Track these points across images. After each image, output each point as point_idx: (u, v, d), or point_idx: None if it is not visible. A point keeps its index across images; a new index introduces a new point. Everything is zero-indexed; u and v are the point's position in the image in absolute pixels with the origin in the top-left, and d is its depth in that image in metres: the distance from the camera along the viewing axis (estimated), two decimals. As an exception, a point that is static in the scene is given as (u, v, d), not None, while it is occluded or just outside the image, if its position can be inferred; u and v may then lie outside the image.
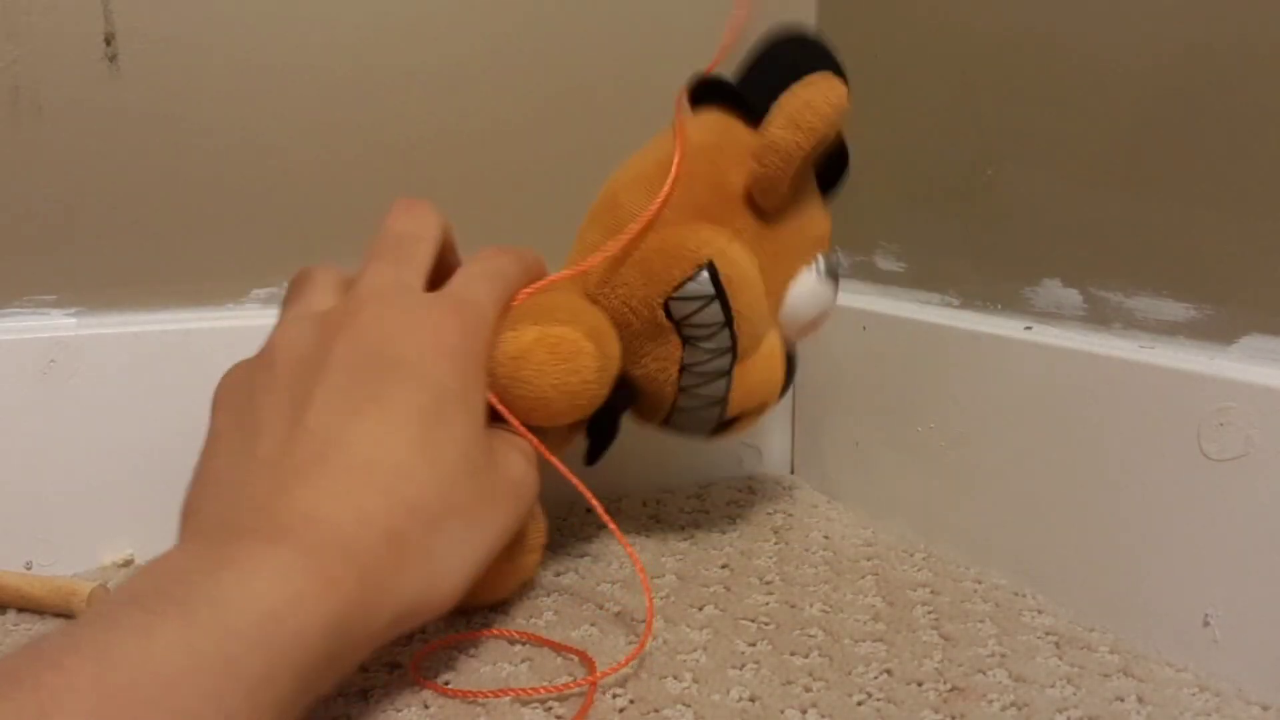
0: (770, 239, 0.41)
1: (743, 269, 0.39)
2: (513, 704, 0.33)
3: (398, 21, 0.50)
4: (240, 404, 0.33)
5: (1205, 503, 0.35)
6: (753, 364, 0.41)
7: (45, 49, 0.44)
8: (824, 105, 0.38)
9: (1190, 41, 0.37)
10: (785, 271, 0.42)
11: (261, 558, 0.26)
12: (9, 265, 0.45)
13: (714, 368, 0.40)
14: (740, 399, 0.42)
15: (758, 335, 0.41)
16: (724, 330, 0.39)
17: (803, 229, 0.42)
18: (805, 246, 0.42)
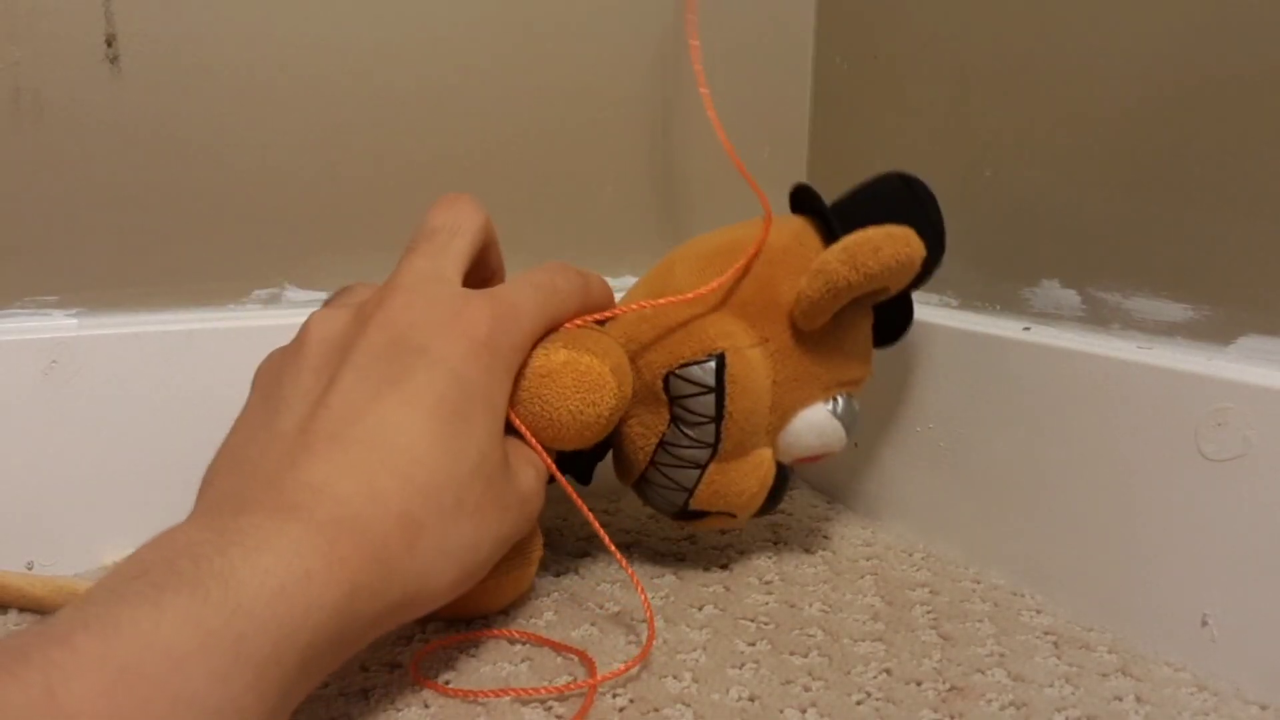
0: (796, 360, 0.40)
1: (752, 374, 0.39)
2: (513, 704, 0.33)
3: (398, 24, 0.50)
4: (269, 384, 0.33)
5: (1203, 503, 0.35)
6: (732, 469, 0.41)
7: (47, 50, 0.44)
8: (887, 253, 0.37)
9: (1189, 42, 0.37)
10: (800, 397, 0.41)
11: (270, 533, 0.26)
12: (10, 266, 0.45)
13: (689, 456, 0.40)
14: (708, 496, 0.41)
15: (745, 443, 0.40)
16: (710, 425, 0.39)
17: (834, 365, 0.41)
18: (829, 381, 0.41)
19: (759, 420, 0.40)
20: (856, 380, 0.42)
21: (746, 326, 0.40)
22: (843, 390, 0.42)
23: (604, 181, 0.49)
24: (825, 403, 0.41)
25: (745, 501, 0.41)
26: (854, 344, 0.42)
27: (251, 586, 0.24)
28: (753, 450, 0.41)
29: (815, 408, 0.41)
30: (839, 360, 0.41)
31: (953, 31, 0.48)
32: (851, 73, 0.56)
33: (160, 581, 0.23)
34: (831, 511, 0.54)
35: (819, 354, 0.40)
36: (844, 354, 0.41)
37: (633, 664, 0.35)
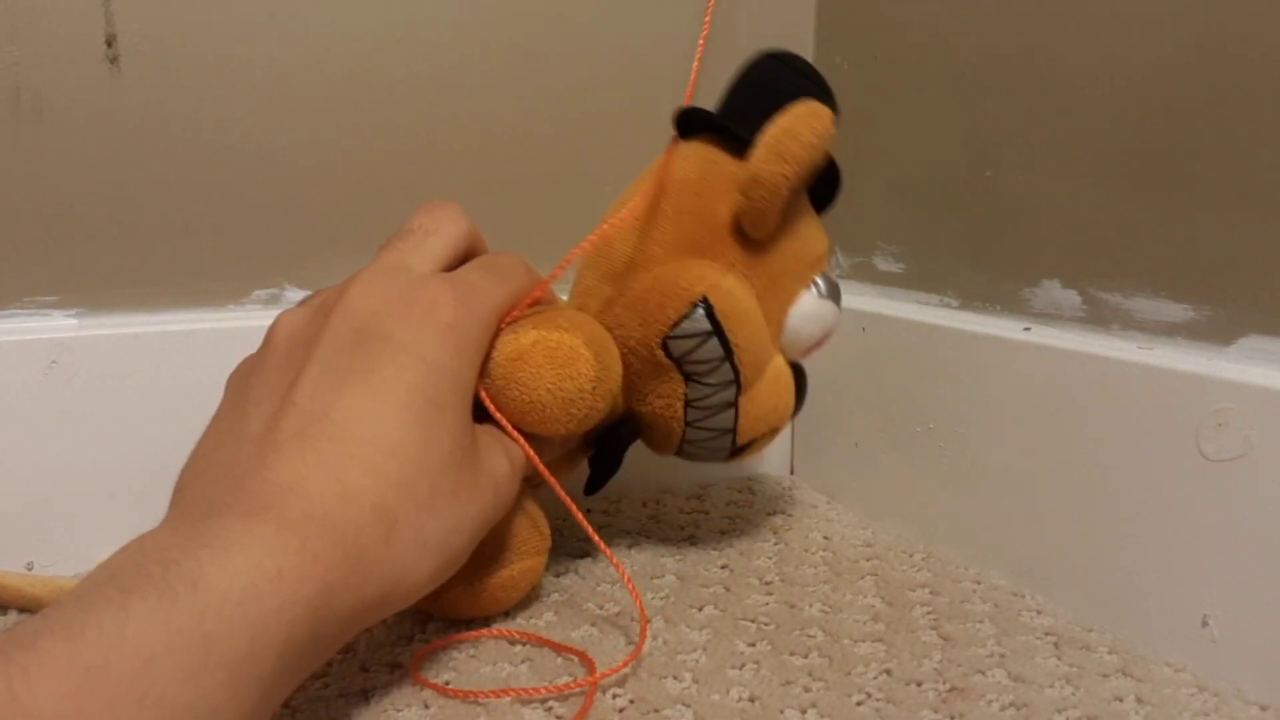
0: (765, 267, 0.40)
1: (739, 301, 0.39)
2: (513, 704, 0.33)
3: (399, 24, 0.50)
4: (238, 387, 0.33)
5: (1203, 503, 0.35)
6: (758, 392, 0.41)
7: (47, 51, 0.44)
8: (808, 134, 0.37)
9: (1189, 43, 0.37)
10: (783, 297, 0.41)
11: (240, 534, 0.25)
12: (10, 266, 0.45)
13: (719, 400, 0.40)
14: (750, 426, 0.41)
15: (760, 364, 0.40)
16: (725, 364, 0.39)
17: (797, 253, 0.41)
18: (802, 269, 0.41)
19: (763, 337, 0.40)
20: (822, 255, 0.43)
21: (709, 262, 0.40)
22: (816, 271, 0.42)
23: (604, 181, 0.49)
24: (809, 290, 0.42)
25: (782, 412, 0.42)
26: (805, 224, 0.42)
27: (221, 587, 0.24)
28: (768, 366, 0.41)
29: (802, 299, 0.41)
30: (799, 246, 0.41)
31: (953, 31, 0.48)
32: (851, 73, 0.56)
33: (128, 585, 0.23)
34: (832, 512, 0.53)
35: (780, 252, 0.41)
36: (801, 238, 0.41)
37: (626, 663, 0.35)
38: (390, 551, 0.28)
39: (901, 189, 0.52)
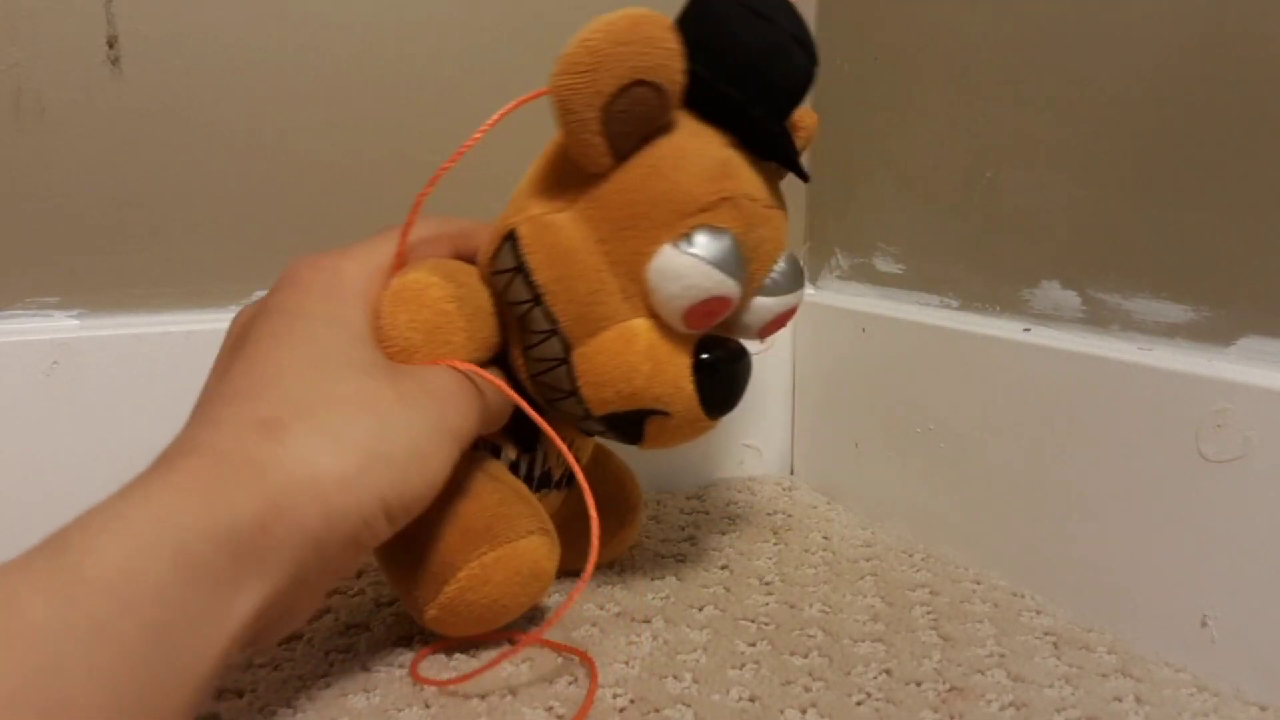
0: (615, 210, 0.35)
1: (555, 238, 0.35)
2: (513, 703, 0.33)
3: (401, 24, 0.50)
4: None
5: (1203, 504, 0.35)
6: (596, 350, 0.36)
7: (48, 52, 0.44)
8: (600, 38, 0.32)
9: (1189, 43, 0.37)
10: (638, 247, 0.35)
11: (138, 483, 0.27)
12: (12, 267, 0.45)
13: (546, 352, 0.36)
14: (595, 390, 0.36)
15: (590, 316, 0.35)
16: (535, 306, 0.35)
17: (658, 195, 0.35)
18: (667, 217, 0.35)
19: (586, 286, 0.35)
20: (709, 206, 0.35)
21: (546, 200, 0.36)
22: (698, 223, 0.35)
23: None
24: (674, 244, 0.35)
25: (644, 384, 0.36)
26: (682, 167, 0.35)
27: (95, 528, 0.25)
28: (610, 323, 0.36)
29: (662, 253, 0.35)
30: (667, 189, 0.35)
31: (953, 31, 0.48)
32: (851, 73, 0.56)
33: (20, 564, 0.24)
34: (831, 512, 0.54)
35: (633, 190, 0.35)
36: (672, 181, 0.35)
37: (561, 611, 0.35)
38: (285, 446, 0.29)
39: (901, 189, 0.52)
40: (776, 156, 0.38)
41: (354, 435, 0.30)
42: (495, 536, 0.35)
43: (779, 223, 0.38)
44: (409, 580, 0.36)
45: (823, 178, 0.59)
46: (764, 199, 0.37)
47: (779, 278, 0.38)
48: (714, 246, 0.35)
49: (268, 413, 0.30)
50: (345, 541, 0.30)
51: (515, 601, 0.36)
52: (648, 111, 0.34)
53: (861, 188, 0.56)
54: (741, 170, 0.36)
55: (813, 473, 0.59)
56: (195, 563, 0.25)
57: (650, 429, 0.37)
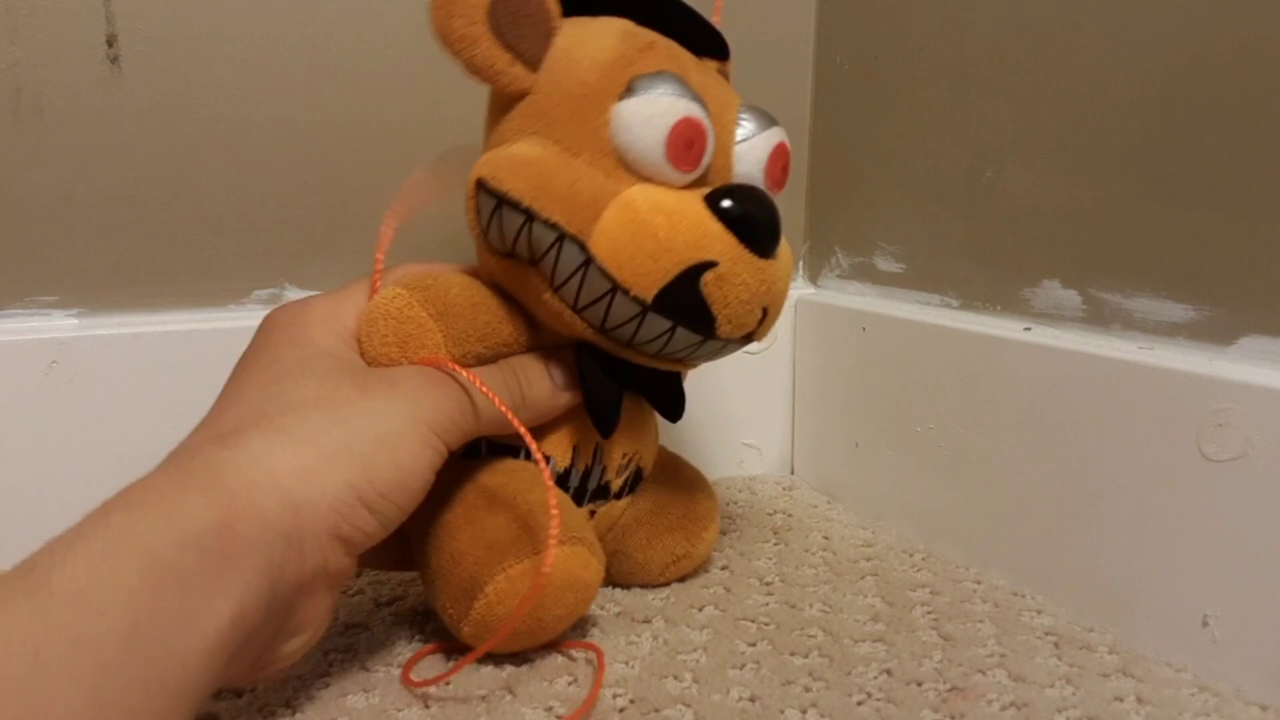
0: (546, 109, 0.35)
1: (514, 160, 0.35)
2: (513, 704, 0.33)
3: (402, 24, 0.50)
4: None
5: (1204, 503, 0.35)
6: (606, 230, 0.34)
7: (47, 51, 0.44)
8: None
9: (1190, 43, 0.37)
10: (590, 123, 0.35)
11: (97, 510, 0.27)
12: (11, 266, 0.45)
13: (567, 264, 0.35)
14: (629, 270, 0.34)
15: (583, 203, 0.34)
16: (534, 224, 0.34)
17: (579, 74, 0.35)
18: (601, 85, 0.35)
19: (564, 179, 0.35)
20: (634, 60, 0.36)
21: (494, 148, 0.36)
22: (624, 78, 0.35)
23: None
24: (619, 101, 0.35)
25: (667, 236, 0.34)
26: (593, 43, 0.36)
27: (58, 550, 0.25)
28: (605, 201, 0.35)
29: (614, 112, 0.35)
30: (589, 64, 0.35)
31: (953, 31, 0.48)
32: (851, 73, 0.56)
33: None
34: (832, 512, 0.54)
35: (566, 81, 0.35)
36: (590, 57, 0.35)
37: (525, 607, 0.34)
38: (242, 450, 0.29)
39: (901, 189, 0.52)
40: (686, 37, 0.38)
41: (309, 431, 0.30)
42: (522, 549, 0.34)
43: (722, 81, 0.39)
44: (443, 597, 0.35)
45: (823, 177, 0.59)
46: (689, 54, 0.38)
47: (748, 122, 0.38)
48: (657, 82, 0.35)
49: (225, 427, 0.30)
50: (323, 534, 0.29)
51: (552, 614, 0.35)
52: (531, 8, 0.35)
53: (862, 187, 0.56)
54: (648, 32, 0.37)
55: (813, 472, 0.59)
56: (163, 567, 0.25)
57: (710, 292, 0.34)
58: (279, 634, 0.30)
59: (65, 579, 0.23)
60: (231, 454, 0.29)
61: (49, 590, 0.23)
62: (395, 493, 0.31)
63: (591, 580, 0.36)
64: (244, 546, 0.27)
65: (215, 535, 0.26)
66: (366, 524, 0.31)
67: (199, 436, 0.30)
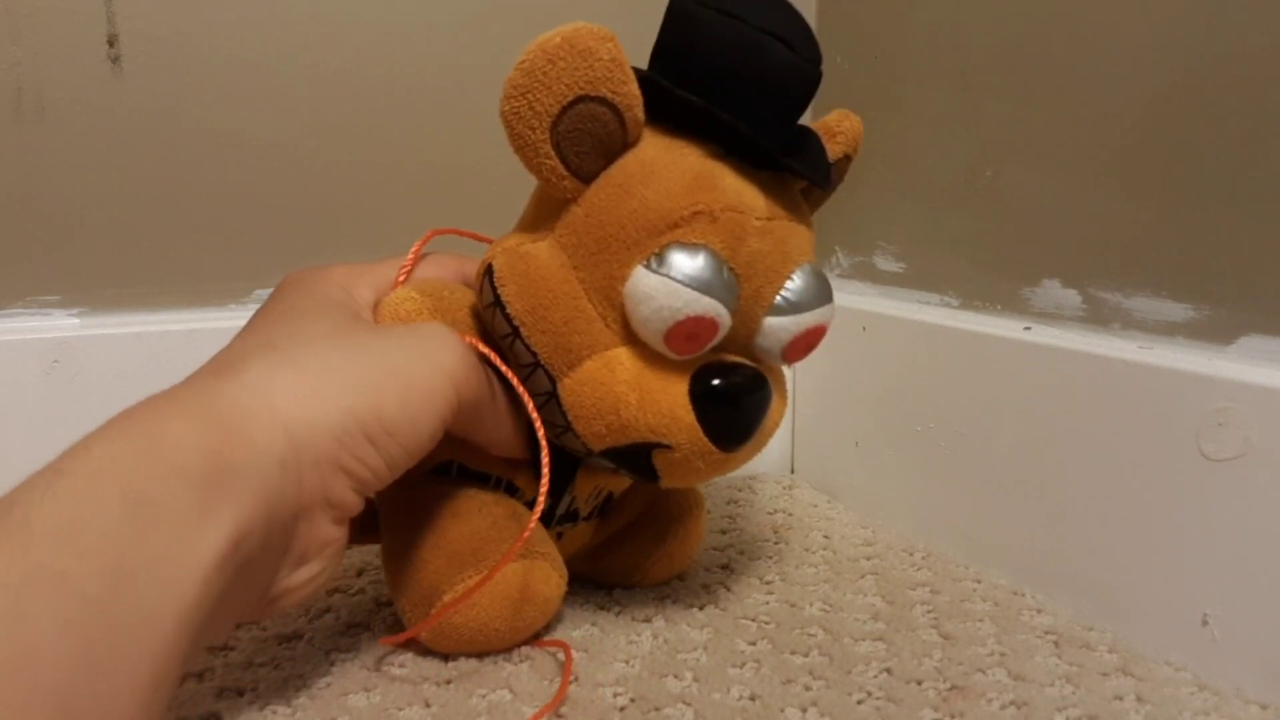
0: (587, 234, 0.33)
1: (528, 268, 0.34)
2: (513, 703, 0.33)
3: (402, 24, 0.50)
4: None
5: (1204, 503, 0.35)
6: (581, 381, 0.34)
7: (48, 51, 0.44)
8: (516, 66, 0.32)
9: (1189, 43, 0.37)
10: (611, 272, 0.33)
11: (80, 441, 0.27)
12: (12, 266, 0.45)
13: (536, 387, 0.35)
14: (586, 425, 0.34)
15: (568, 346, 0.34)
16: (517, 341, 0.34)
17: (625, 214, 0.33)
18: (635, 239, 0.33)
19: (560, 314, 0.34)
20: (680, 222, 0.33)
21: (527, 231, 0.36)
22: (669, 240, 0.33)
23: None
24: (645, 264, 0.33)
25: (634, 415, 0.34)
26: (650, 183, 0.33)
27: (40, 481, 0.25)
28: (592, 352, 0.34)
29: (634, 275, 0.33)
30: (635, 207, 0.33)
31: (953, 31, 0.48)
32: (851, 73, 0.56)
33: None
34: (832, 511, 0.54)
35: (608, 215, 0.33)
36: (639, 199, 0.33)
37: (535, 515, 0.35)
38: (240, 379, 0.29)
39: (901, 189, 0.52)
40: (768, 163, 0.35)
41: (316, 359, 0.30)
42: (481, 560, 0.35)
43: (784, 235, 0.35)
44: (404, 601, 0.36)
45: (823, 177, 0.59)
46: (758, 210, 0.34)
47: (793, 295, 0.35)
48: (688, 264, 0.32)
49: (227, 359, 0.30)
50: (324, 462, 0.29)
51: (509, 626, 0.36)
52: (600, 128, 0.33)
53: (862, 186, 0.56)
54: (724, 181, 0.34)
55: (813, 471, 0.59)
56: (145, 500, 0.24)
57: (660, 464, 0.35)
58: (282, 563, 0.29)
59: (45, 517, 0.23)
60: (226, 383, 0.28)
61: (29, 529, 0.23)
62: (402, 432, 0.30)
63: (551, 595, 0.37)
64: (235, 473, 0.26)
65: (202, 463, 0.26)
66: (371, 459, 0.30)
67: (200, 370, 0.30)
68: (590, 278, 0.34)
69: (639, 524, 0.43)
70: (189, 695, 0.34)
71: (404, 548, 0.36)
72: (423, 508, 0.37)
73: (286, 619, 0.40)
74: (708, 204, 0.33)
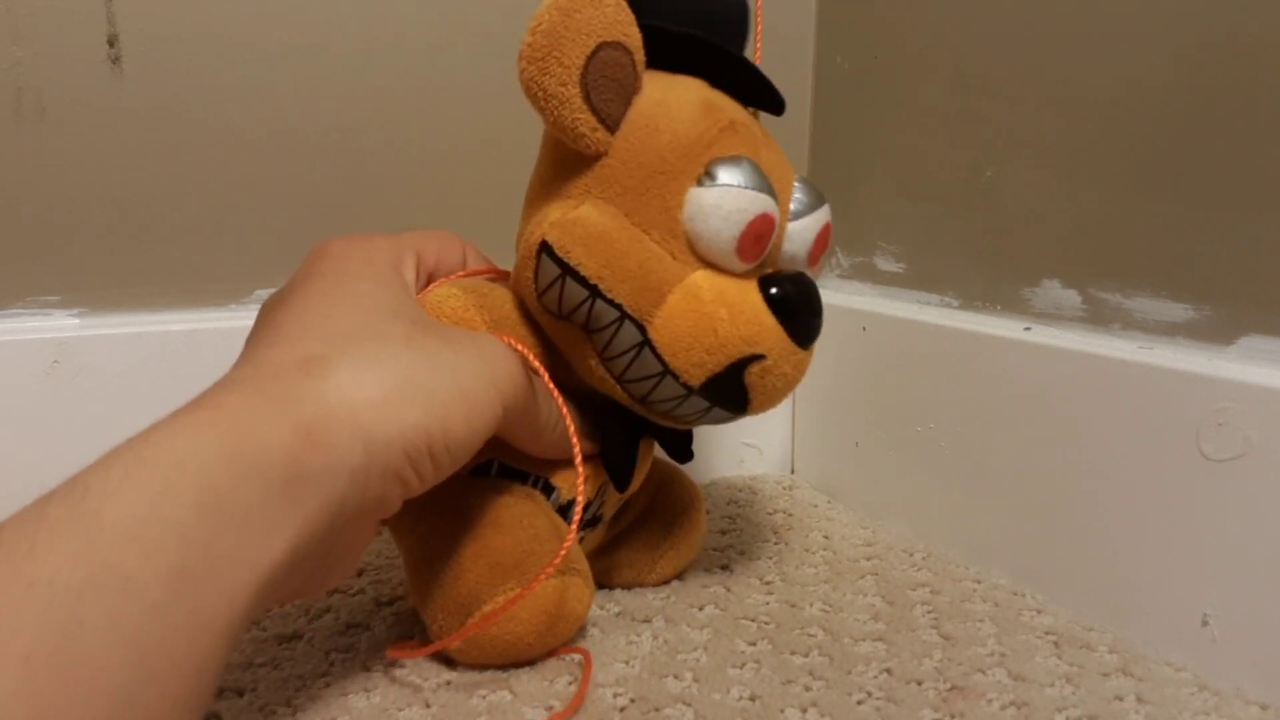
0: (628, 181, 0.35)
1: (584, 229, 0.35)
2: (513, 703, 0.33)
3: (402, 24, 0.50)
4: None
5: (1204, 503, 0.35)
6: (669, 317, 0.35)
7: (49, 51, 0.44)
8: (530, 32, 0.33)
9: (1190, 43, 0.37)
10: (666, 202, 0.35)
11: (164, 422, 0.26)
12: (12, 266, 0.45)
13: (623, 342, 0.35)
14: (684, 356, 0.35)
15: (649, 286, 0.35)
16: (597, 300, 0.35)
17: (660, 148, 0.35)
18: (678, 164, 0.35)
19: (634, 259, 0.35)
20: (714, 140, 0.35)
21: (559, 202, 0.36)
22: (711, 157, 0.35)
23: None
24: (696, 186, 0.35)
25: (729, 329, 0.35)
26: (674, 115, 0.35)
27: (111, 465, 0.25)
28: (671, 286, 0.35)
29: (691, 197, 0.35)
30: (670, 140, 0.35)
31: (953, 31, 0.48)
32: (851, 73, 0.56)
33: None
34: (832, 512, 0.54)
35: (646, 154, 0.35)
36: (670, 132, 0.35)
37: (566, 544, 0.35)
38: (326, 382, 0.28)
39: (901, 189, 0.52)
40: (749, 90, 0.38)
41: (397, 366, 0.30)
42: (525, 573, 0.35)
43: (778, 147, 0.38)
44: (434, 608, 0.35)
45: (823, 177, 0.59)
46: (757, 125, 0.37)
47: (801, 198, 0.37)
48: (736, 171, 0.35)
49: (312, 351, 0.29)
50: (386, 475, 0.29)
51: (540, 641, 0.35)
52: (620, 72, 0.34)
53: (862, 187, 0.56)
54: (725, 102, 0.36)
55: (813, 472, 0.59)
56: (221, 501, 0.24)
57: (752, 381, 0.36)
58: (323, 563, 0.29)
59: (118, 511, 0.23)
60: (314, 384, 0.28)
61: (99, 524, 0.22)
62: (459, 449, 0.31)
63: (582, 611, 0.37)
64: (310, 480, 0.26)
65: (282, 468, 0.26)
66: (426, 472, 0.30)
67: (281, 353, 0.29)
68: (646, 218, 0.35)
69: (640, 523, 0.43)
70: (189, 695, 0.34)
71: (440, 555, 0.35)
72: (462, 514, 0.36)
73: (286, 619, 0.40)
74: (727, 120, 0.36)
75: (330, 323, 0.31)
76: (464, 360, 0.32)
